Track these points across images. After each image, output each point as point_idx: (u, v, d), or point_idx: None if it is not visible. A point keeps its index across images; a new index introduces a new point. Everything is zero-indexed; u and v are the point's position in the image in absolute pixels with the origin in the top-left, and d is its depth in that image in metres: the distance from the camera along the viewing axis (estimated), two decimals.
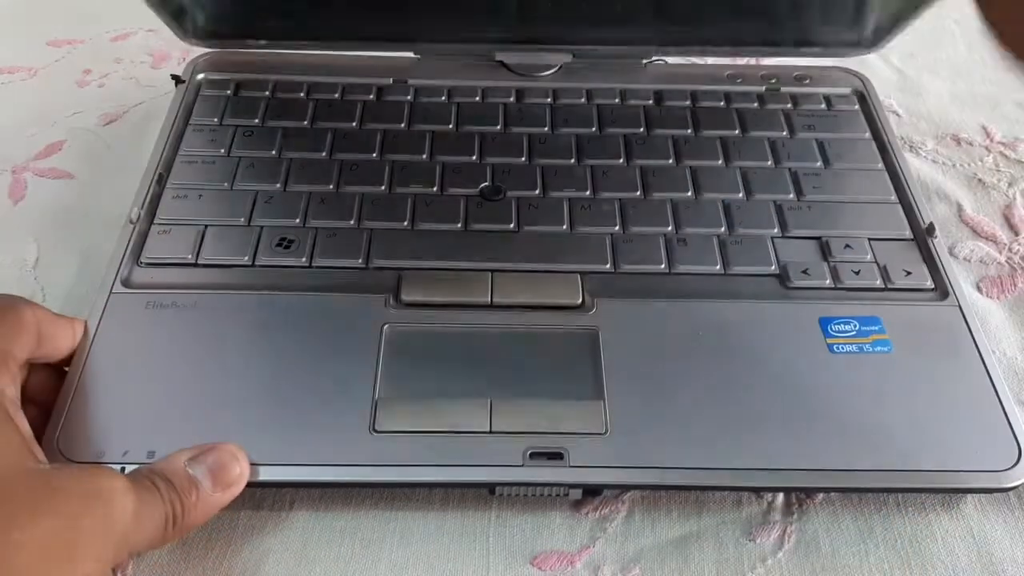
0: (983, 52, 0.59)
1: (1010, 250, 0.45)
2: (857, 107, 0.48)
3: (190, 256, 0.39)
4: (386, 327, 0.37)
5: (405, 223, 0.41)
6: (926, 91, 0.56)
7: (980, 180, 0.49)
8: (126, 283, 0.38)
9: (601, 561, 0.33)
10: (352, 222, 0.41)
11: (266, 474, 0.32)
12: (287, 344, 0.36)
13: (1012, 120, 0.53)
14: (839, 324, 0.37)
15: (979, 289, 0.43)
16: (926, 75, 0.57)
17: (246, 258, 0.39)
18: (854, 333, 0.37)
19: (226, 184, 0.43)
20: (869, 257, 0.40)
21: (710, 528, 0.34)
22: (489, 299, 0.38)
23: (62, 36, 0.58)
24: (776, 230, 0.41)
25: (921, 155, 0.51)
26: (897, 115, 0.53)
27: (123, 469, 0.32)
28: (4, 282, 0.42)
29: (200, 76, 0.48)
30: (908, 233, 0.42)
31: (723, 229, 0.41)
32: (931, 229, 0.41)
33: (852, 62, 0.50)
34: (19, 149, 0.49)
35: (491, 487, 0.33)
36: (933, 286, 0.39)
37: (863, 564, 0.33)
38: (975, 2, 0.60)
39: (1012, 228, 0.46)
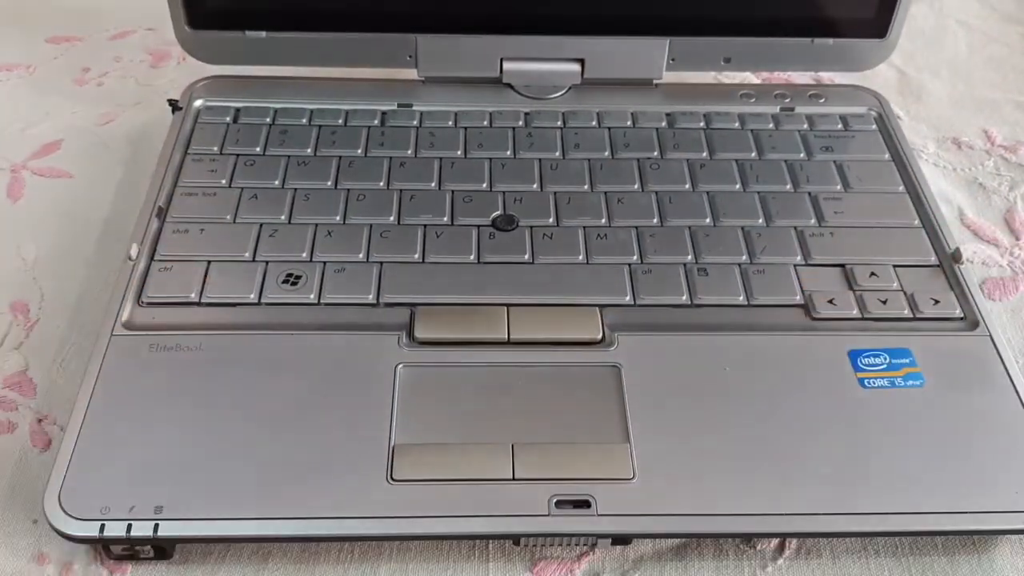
0: (984, 53, 0.58)
1: (1011, 254, 0.45)
2: (875, 127, 0.47)
3: (193, 295, 0.38)
4: (400, 367, 0.35)
5: (416, 256, 0.40)
6: (927, 93, 0.55)
7: (981, 184, 0.49)
8: (127, 325, 0.36)
9: (600, 569, 0.33)
10: (361, 256, 0.40)
11: (278, 529, 0.31)
12: (298, 388, 0.35)
13: (1012, 123, 0.53)
14: (869, 357, 0.36)
15: (982, 291, 0.42)
16: (927, 76, 0.56)
17: (252, 295, 0.38)
18: (885, 366, 0.36)
19: (228, 217, 0.41)
20: (895, 285, 0.39)
21: None
22: (506, 335, 0.37)
23: (61, 33, 0.57)
24: (799, 258, 0.40)
25: (923, 159, 0.50)
26: (899, 118, 0.52)
27: (129, 526, 0.30)
28: (3, 281, 0.42)
29: (198, 102, 0.47)
30: (934, 259, 0.40)
31: (744, 257, 0.40)
32: (957, 255, 0.40)
33: (865, 76, 0.49)
34: (17, 147, 0.49)
35: (516, 538, 0.32)
36: (962, 315, 0.38)
37: (863, 572, 0.33)
38: None
39: (1013, 232, 0.46)
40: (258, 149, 0.44)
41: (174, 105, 0.47)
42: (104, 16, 0.59)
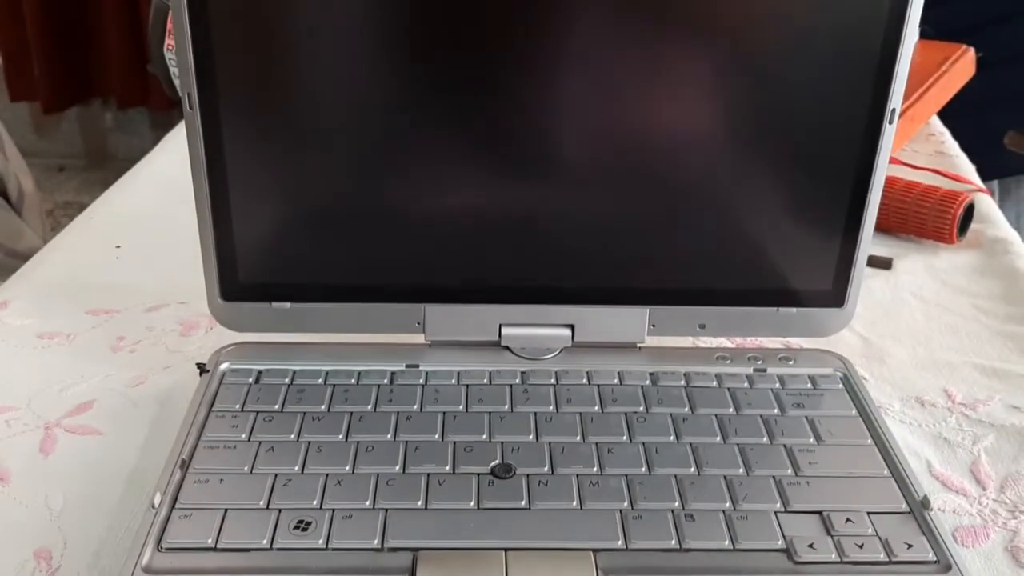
0: (940, 321, 0.64)
1: (980, 503, 0.47)
2: (841, 386, 0.51)
3: (210, 540, 0.40)
4: None
5: (419, 503, 0.42)
6: (889, 356, 0.60)
7: (946, 439, 0.52)
8: (147, 569, 0.38)
9: None
10: (368, 503, 0.42)
11: None
12: None
13: (970, 383, 0.57)
14: None
15: (954, 538, 0.45)
16: (889, 341, 0.61)
17: (264, 541, 0.40)
18: None
19: (246, 468, 0.44)
20: (870, 530, 0.42)
21: None
22: None
23: (100, 306, 0.63)
24: (778, 505, 0.43)
25: (889, 415, 0.54)
26: (865, 379, 0.56)
27: None
28: (29, 529, 0.44)
29: (224, 365, 0.51)
30: (904, 506, 0.43)
31: (728, 504, 0.43)
32: (926, 502, 0.43)
33: (831, 342, 0.54)
34: (53, 407, 0.53)
35: None
36: (936, 559, 0.40)
37: None
38: None
39: (979, 483, 0.49)
40: (277, 406, 0.48)
41: (202, 368, 0.52)
42: (141, 291, 0.65)
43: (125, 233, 0.73)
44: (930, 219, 0.73)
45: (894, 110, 0.48)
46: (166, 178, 0.84)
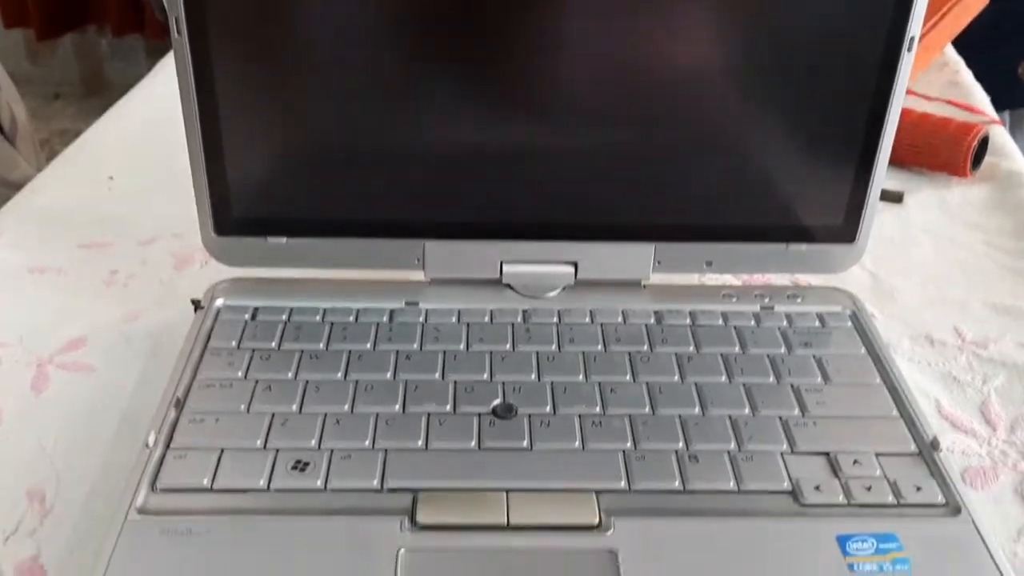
0: (950, 257, 0.63)
1: (989, 444, 0.47)
2: (850, 324, 0.50)
3: (206, 481, 0.39)
4: (402, 551, 0.36)
5: (419, 443, 0.42)
6: (899, 294, 0.59)
7: (955, 378, 0.51)
8: (141, 510, 0.38)
9: None
10: (367, 443, 0.42)
11: None
12: (302, 572, 0.36)
13: (981, 320, 0.56)
14: (857, 542, 0.37)
15: (964, 479, 0.44)
16: (898, 279, 0.60)
17: (261, 482, 0.40)
18: (872, 551, 0.37)
19: (243, 407, 0.43)
20: (878, 472, 0.41)
21: None
22: (506, 520, 0.38)
23: (93, 239, 0.62)
24: (785, 446, 0.42)
25: (899, 354, 0.53)
26: (874, 317, 0.55)
27: None
28: (22, 465, 0.44)
29: (219, 302, 0.50)
30: (913, 447, 0.42)
31: (732, 445, 0.42)
32: (936, 443, 0.42)
33: (839, 278, 0.53)
34: (45, 343, 0.52)
35: None
36: (945, 502, 0.40)
37: None
38: None
39: (990, 424, 0.48)
40: (273, 344, 0.47)
41: (196, 304, 0.50)
42: (134, 224, 0.63)
43: (118, 163, 0.71)
44: (943, 152, 0.71)
45: (913, 38, 0.46)
46: (160, 106, 0.81)
